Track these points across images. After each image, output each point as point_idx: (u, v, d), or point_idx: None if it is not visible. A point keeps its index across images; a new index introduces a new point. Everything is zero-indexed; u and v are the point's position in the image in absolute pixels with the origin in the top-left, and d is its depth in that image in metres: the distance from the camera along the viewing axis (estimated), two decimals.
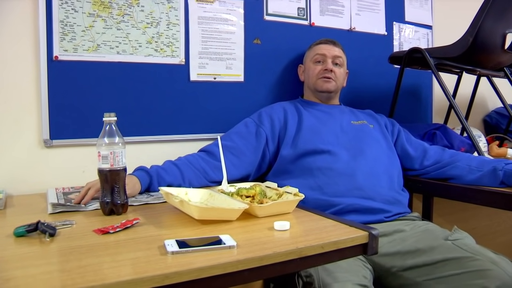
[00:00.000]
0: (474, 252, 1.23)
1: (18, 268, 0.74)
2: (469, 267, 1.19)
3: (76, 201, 1.17)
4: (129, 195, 1.22)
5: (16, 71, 1.40)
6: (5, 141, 1.40)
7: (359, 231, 0.96)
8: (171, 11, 1.61)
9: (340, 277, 1.17)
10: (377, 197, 1.44)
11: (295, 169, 1.51)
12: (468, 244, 1.28)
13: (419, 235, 1.37)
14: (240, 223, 1.03)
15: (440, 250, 1.27)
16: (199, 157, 1.45)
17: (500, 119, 2.54)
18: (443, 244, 1.29)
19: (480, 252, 1.23)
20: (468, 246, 1.27)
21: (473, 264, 1.19)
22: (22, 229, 0.90)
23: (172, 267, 0.74)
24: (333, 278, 1.16)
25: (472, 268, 1.18)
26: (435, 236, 1.35)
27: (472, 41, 1.68)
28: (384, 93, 2.12)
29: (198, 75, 1.68)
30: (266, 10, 1.82)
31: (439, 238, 1.33)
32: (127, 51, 1.54)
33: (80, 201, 1.17)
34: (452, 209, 2.31)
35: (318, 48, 1.74)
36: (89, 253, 0.81)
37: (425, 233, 1.38)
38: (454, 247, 1.27)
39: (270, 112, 1.63)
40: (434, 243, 1.31)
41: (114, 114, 1.09)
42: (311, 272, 1.19)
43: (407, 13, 2.25)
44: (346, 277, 1.17)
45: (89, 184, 1.21)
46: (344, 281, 1.15)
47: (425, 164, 1.60)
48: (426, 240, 1.33)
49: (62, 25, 1.44)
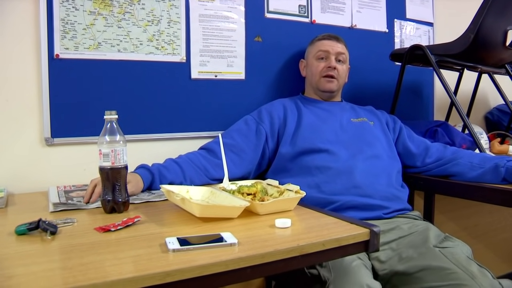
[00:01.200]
0: (457, 264, 1.22)
1: (20, 266, 0.74)
2: (447, 279, 1.19)
3: (85, 201, 1.16)
4: (133, 193, 1.23)
5: (18, 69, 1.40)
6: (7, 139, 1.40)
7: (360, 228, 0.96)
8: (172, 9, 1.61)
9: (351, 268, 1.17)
10: (375, 194, 1.44)
11: (294, 167, 1.51)
12: (455, 254, 1.27)
13: (411, 239, 1.36)
14: (241, 220, 1.03)
15: (426, 257, 1.27)
16: (200, 155, 1.45)
17: (501, 116, 2.54)
18: (430, 251, 1.29)
19: (462, 264, 1.22)
20: (454, 256, 1.25)
21: (451, 277, 1.19)
22: (24, 227, 0.90)
23: (173, 264, 0.74)
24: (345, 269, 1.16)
25: (449, 282, 1.18)
26: (425, 239, 1.33)
27: (474, 38, 1.68)
28: (386, 91, 2.12)
29: (199, 73, 1.68)
30: (267, 8, 1.82)
31: (429, 242, 1.32)
32: (128, 49, 1.54)
33: (88, 200, 1.16)
34: (454, 206, 2.31)
35: (321, 44, 1.72)
36: (90, 251, 0.81)
37: (417, 236, 1.37)
38: (440, 256, 1.26)
39: (270, 109, 1.63)
40: (422, 248, 1.30)
41: (115, 112, 1.09)
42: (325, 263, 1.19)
43: (408, 10, 2.25)
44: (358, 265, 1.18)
45: (94, 181, 1.19)
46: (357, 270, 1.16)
47: (427, 162, 1.60)
48: (417, 244, 1.33)
49: (63, 23, 1.44)
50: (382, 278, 1.31)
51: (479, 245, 2.48)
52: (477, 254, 1.34)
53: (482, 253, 2.48)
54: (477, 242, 2.46)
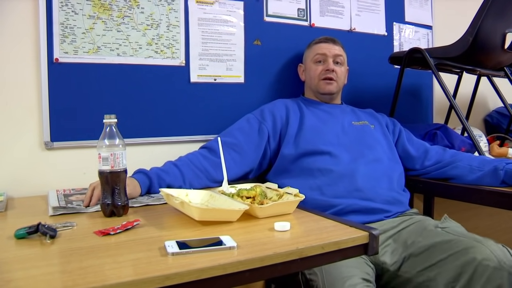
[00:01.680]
0: (460, 235, 1.28)
1: (19, 270, 0.74)
2: (455, 247, 1.22)
3: (85, 205, 1.17)
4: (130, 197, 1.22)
5: (17, 74, 1.41)
6: (6, 143, 1.40)
7: (359, 231, 0.96)
8: (171, 13, 1.62)
9: (344, 271, 1.17)
10: (376, 198, 1.44)
11: (295, 169, 1.51)
12: (456, 228, 1.34)
13: (412, 228, 1.40)
14: (240, 224, 1.03)
15: (428, 237, 1.31)
16: (200, 155, 1.45)
17: (500, 118, 2.54)
18: (431, 231, 1.34)
19: (466, 234, 1.29)
20: (456, 231, 1.32)
21: (459, 244, 1.23)
22: (23, 231, 0.90)
23: (172, 268, 0.74)
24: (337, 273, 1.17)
25: (457, 248, 1.22)
26: (425, 225, 1.38)
27: (472, 41, 1.68)
28: (385, 94, 2.12)
29: (198, 77, 1.68)
30: (266, 11, 1.82)
31: (429, 226, 1.37)
32: (127, 53, 1.55)
33: (88, 204, 1.17)
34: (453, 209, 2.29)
35: (318, 47, 1.73)
36: (90, 255, 0.81)
37: (417, 224, 1.41)
38: (442, 232, 1.31)
39: (272, 109, 1.63)
40: (423, 232, 1.34)
41: (114, 115, 1.09)
42: (314, 269, 1.19)
43: (407, 13, 2.25)
44: (350, 272, 1.18)
45: (93, 185, 1.20)
46: (349, 276, 1.16)
47: (426, 164, 1.60)
48: (416, 231, 1.37)
49: (62, 27, 1.44)
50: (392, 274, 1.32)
51: None
52: None
53: None
54: None
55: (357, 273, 1.19)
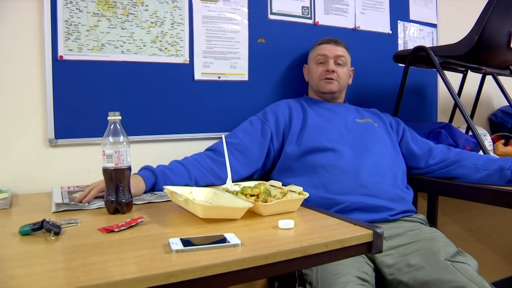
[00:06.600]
0: (470, 279, 1.20)
1: (23, 266, 0.74)
2: None
3: (78, 200, 1.18)
4: (133, 195, 1.23)
5: (22, 71, 1.41)
6: (11, 141, 1.40)
7: (363, 229, 0.96)
8: (175, 10, 1.62)
9: (339, 268, 1.17)
10: (381, 194, 1.44)
11: (299, 167, 1.51)
12: (467, 269, 1.25)
13: (421, 246, 1.36)
14: (244, 221, 1.03)
15: (436, 269, 1.25)
16: (206, 156, 1.45)
17: (505, 117, 2.53)
18: (441, 263, 1.27)
19: (475, 279, 1.21)
20: (466, 271, 1.24)
21: None
22: (28, 227, 0.91)
23: (176, 265, 0.74)
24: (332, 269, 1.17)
25: None
26: (434, 251, 1.32)
27: (478, 39, 1.67)
28: (389, 92, 2.11)
29: (202, 74, 1.68)
30: (270, 9, 1.82)
31: (440, 254, 1.30)
32: (131, 51, 1.55)
33: (81, 200, 1.18)
34: (458, 208, 2.30)
35: (320, 48, 1.73)
36: (94, 252, 0.81)
37: (425, 244, 1.36)
38: (452, 269, 1.24)
39: (275, 109, 1.63)
40: (432, 260, 1.29)
41: (118, 113, 1.09)
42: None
43: (412, 11, 2.24)
44: (345, 269, 1.17)
45: (93, 185, 1.22)
46: (343, 273, 1.16)
47: (431, 163, 1.59)
48: (426, 253, 1.32)
49: (66, 25, 1.44)
50: (390, 282, 1.31)
51: (483, 247, 2.47)
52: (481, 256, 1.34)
53: (486, 255, 2.47)
54: (481, 244, 2.45)
55: (352, 271, 1.19)
